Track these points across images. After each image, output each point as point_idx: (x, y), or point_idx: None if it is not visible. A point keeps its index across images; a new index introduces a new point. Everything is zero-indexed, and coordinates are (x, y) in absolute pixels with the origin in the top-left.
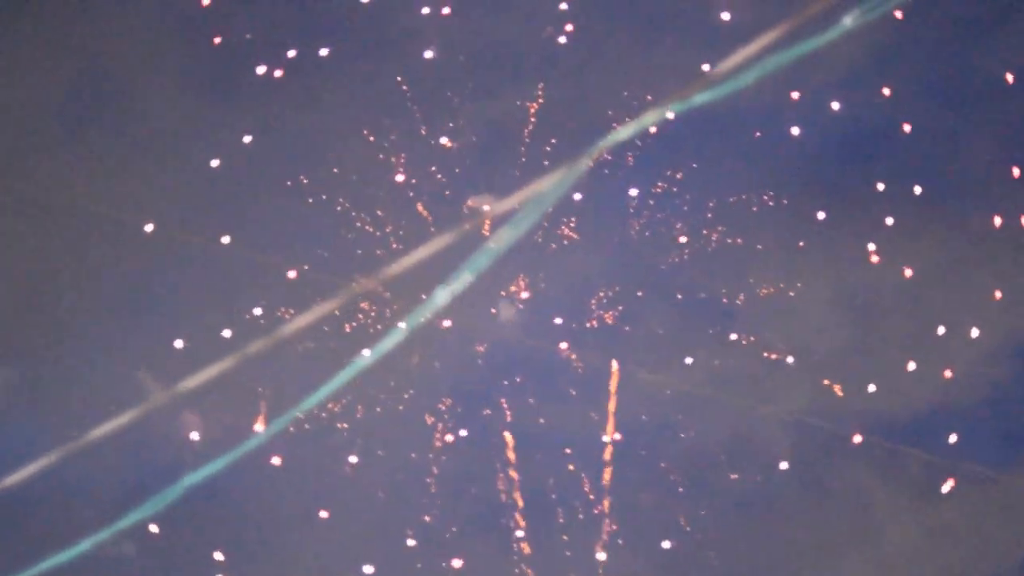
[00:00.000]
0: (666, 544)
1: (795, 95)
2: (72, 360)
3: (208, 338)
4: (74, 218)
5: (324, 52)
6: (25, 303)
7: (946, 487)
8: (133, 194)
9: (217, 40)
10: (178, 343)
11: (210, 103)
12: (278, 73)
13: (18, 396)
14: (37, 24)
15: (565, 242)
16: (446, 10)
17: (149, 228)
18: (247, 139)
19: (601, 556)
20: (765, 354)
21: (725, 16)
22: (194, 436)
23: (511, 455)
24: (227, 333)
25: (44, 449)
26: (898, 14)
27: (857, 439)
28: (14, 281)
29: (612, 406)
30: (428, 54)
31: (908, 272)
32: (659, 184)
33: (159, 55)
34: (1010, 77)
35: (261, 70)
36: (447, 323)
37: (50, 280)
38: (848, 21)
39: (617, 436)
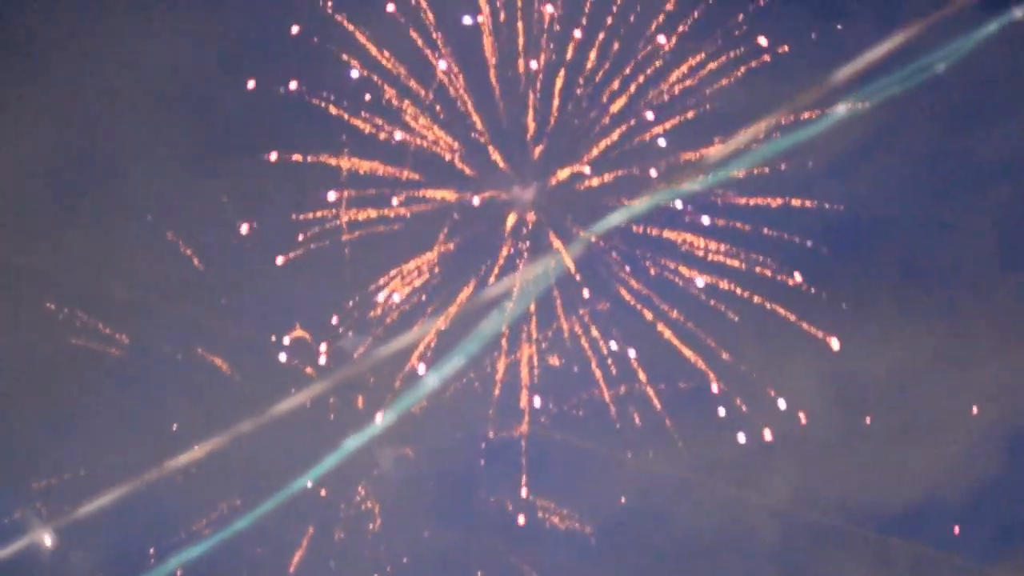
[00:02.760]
0: None
1: (786, 180)
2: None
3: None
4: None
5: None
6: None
7: None
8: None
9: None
10: (172, 424)
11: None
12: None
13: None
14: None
15: (557, 328)
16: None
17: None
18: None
19: None
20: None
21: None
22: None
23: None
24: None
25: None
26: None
27: (846, 530)
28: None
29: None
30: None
31: (898, 361)
32: (648, 268)
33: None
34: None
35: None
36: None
37: (36, 351)
38: (842, 110)
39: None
